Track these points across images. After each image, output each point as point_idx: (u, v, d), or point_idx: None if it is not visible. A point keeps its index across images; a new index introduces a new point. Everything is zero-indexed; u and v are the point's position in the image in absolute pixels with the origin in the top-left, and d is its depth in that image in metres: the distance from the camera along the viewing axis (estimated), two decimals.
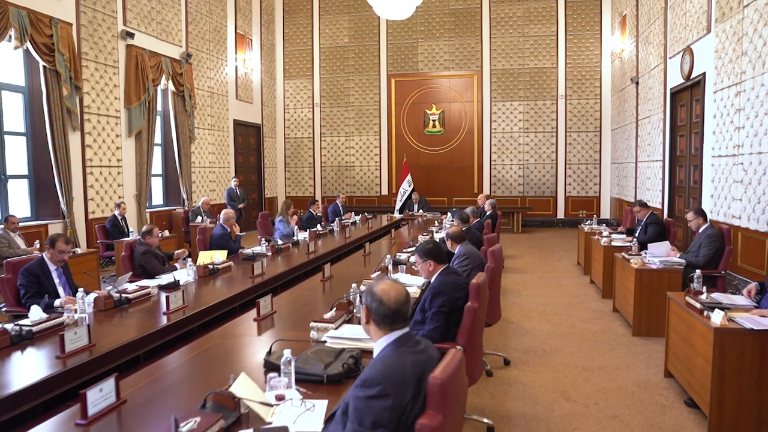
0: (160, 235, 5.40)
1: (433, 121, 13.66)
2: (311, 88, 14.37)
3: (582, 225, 7.89)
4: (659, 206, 8.82)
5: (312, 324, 2.90)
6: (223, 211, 6.05)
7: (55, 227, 7.63)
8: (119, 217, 7.72)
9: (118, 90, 8.78)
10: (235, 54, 12.53)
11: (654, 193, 9.21)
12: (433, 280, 2.95)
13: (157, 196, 10.51)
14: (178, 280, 4.19)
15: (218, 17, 11.76)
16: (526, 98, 13.16)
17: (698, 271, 3.58)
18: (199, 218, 9.12)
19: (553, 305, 5.85)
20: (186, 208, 10.25)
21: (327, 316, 2.98)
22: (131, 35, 8.87)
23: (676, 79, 8.03)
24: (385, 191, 14.05)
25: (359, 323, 3.00)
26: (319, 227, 7.64)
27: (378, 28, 13.84)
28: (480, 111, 13.38)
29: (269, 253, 5.75)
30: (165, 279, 4.29)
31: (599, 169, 12.97)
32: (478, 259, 3.94)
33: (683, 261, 4.66)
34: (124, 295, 3.63)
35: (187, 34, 10.67)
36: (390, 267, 4.39)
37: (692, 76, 7.35)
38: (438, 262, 2.97)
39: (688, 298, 3.31)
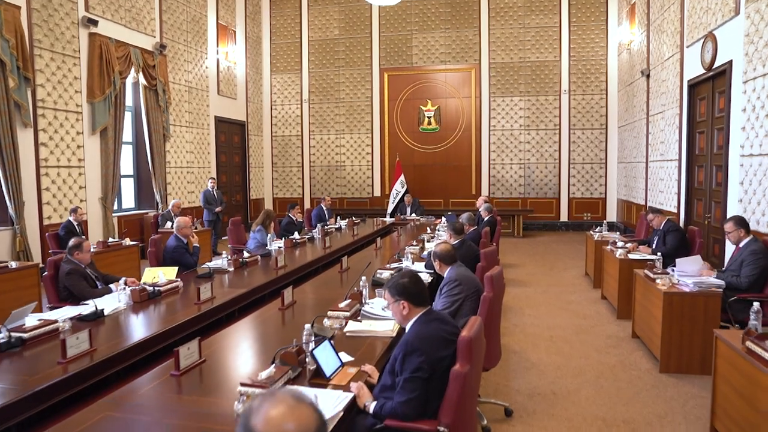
0: (92, 249, 4.58)
1: (429, 117, 12.85)
2: (299, 83, 13.56)
3: (591, 232, 7.08)
4: (674, 210, 8.02)
5: (240, 388, 2.10)
6: (176, 219, 5.24)
7: (2, 235, 6.82)
8: (75, 223, 6.91)
9: (79, 83, 7.96)
10: (216, 46, 11.71)
11: (668, 195, 8.41)
12: (407, 329, 2.15)
13: (128, 199, 9.70)
14: (102, 310, 3.39)
15: (197, 6, 10.94)
16: (527, 93, 12.35)
17: (756, 305, 2.77)
18: (170, 223, 8.29)
19: (562, 328, 5.05)
20: (159, 211, 9.43)
21: (264, 375, 2.17)
22: (94, 23, 8.05)
23: (694, 70, 7.23)
24: (377, 192, 13.24)
25: (308, 385, 2.21)
26: (296, 235, 6.82)
27: (370, 20, 13.03)
28: (478, 107, 12.58)
29: (231, 269, 4.94)
30: (90, 307, 3.48)
31: (605, 169, 12.17)
32: (472, 286, 3.14)
33: (722, 282, 3.85)
34: (16, 335, 2.82)
35: (161, 23, 9.85)
36: (365, 291, 3.58)
37: (715, 66, 6.54)
38: (415, 303, 2.16)
39: (750, 344, 2.50)
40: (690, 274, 4.08)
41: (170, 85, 10.03)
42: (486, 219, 6.89)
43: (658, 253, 4.53)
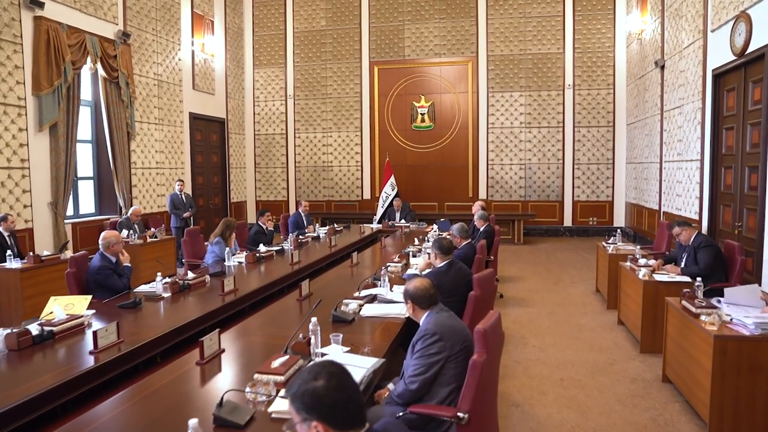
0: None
1: (422, 114, 11.92)
2: (284, 77, 12.63)
3: (603, 244, 6.16)
4: (695, 216, 7.11)
5: None
6: (102, 234, 4.29)
7: None
8: (6, 234, 5.98)
9: (21, 72, 7.01)
10: (191, 37, 10.77)
11: (687, 200, 7.49)
12: None
13: (88, 204, 8.76)
14: None
15: None
16: (528, 88, 11.43)
17: None
18: (126, 232, 7.37)
19: (574, 367, 4.12)
20: (120, 217, 8.49)
21: None
22: (39, 4, 7.10)
23: (721, 57, 6.31)
24: (367, 195, 12.31)
25: None
26: (262, 247, 5.89)
27: (359, 9, 12.10)
28: (475, 103, 11.65)
29: (168, 294, 4.01)
30: None
31: (612, 170, 11.25)
32: (458, 341, 2.21)
33: None
34: None
35: (125, 9, 8.91)
36: (315, 339, 2.65)
37: (748, 51, 5.62)
38: (338, 426, 1.21)
39: None
40: (743, 306, 3.16)
41: (135, 77, 9.10)
42: (482, 229, 5.95)
43: (698, 279, 3.60)
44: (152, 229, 7.79)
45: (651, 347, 4.30)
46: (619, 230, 7.02)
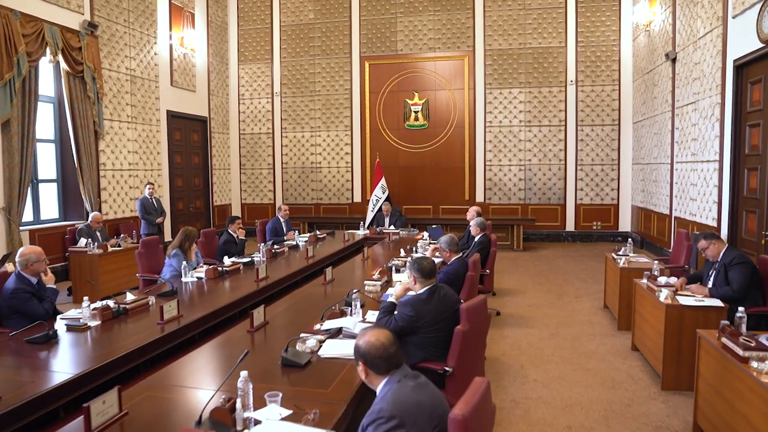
0: None
1: (416, 112, 11.24)
2: (270, 74, 11.94)
3: (613, 255, 5.47)
4: (713, 223, 6.44)
5: None
6: (20, 250, 3.59)
7: None
8: None
9: None
10: (169, 30, 10.09)
11: (703, 204, 6.82)
12: None
13: (51, 209, 8.07)
14: None
15: None
16: (528, 85, 10.75)
17: None
18: (84, 241, 6.69)
19: (584, 409, 3.44)
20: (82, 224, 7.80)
21: None
22: None
23: (744, 46, 5.64)
24: (357, 198, 11.63)
25: None
26: (226, 259, 5.20)
27: (349, 1, 11.43)
28: (472, 100, 10.97)
29: (96, 323, 3.33)
30: None
31: (618, 172, 10.57)
32: (426, 426, 1.51)
33: None
34: None
35: None
36: (243, 401, 1.96)
37: None
38: None
39: None
40: None
41: (104, 72, 8.42)
42: (477, 239, 5.24)
43: (740, 309, 2.92)
44: (115, 238, 7.11)
45: (675, 384, 3.63)
46: (630, 239, 6.32)
